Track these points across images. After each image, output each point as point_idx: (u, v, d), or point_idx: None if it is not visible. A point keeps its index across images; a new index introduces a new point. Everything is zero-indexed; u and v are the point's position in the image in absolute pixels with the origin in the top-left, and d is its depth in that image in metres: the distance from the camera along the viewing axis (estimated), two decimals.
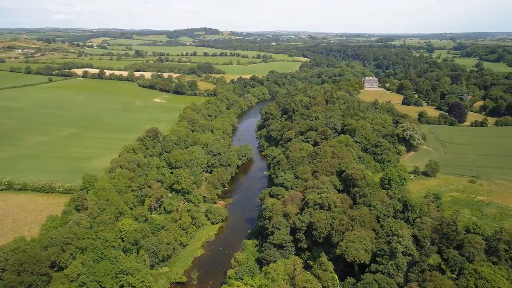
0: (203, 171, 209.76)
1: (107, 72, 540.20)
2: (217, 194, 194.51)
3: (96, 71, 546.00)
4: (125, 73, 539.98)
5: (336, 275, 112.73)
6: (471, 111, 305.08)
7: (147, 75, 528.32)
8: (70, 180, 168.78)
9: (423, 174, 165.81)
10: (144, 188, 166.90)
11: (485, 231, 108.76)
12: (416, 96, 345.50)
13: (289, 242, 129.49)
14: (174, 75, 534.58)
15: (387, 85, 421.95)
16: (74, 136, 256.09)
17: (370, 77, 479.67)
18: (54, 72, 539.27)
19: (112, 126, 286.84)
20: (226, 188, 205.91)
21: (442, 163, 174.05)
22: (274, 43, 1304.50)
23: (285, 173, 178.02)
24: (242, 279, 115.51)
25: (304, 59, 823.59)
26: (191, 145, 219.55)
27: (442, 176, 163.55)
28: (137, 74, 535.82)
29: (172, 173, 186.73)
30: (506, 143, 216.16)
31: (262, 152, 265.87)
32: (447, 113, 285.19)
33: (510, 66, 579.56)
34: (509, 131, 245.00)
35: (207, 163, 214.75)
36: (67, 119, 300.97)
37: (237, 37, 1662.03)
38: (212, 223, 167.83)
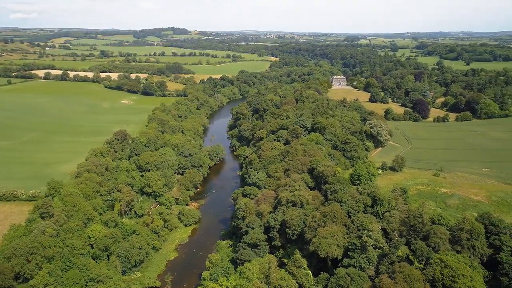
0: (175, 173, 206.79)
1: (71, 73, 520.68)
2: (189, 196, 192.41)
3: (59, 72, 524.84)
4: (90, 74, 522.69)
5: (310, 271, 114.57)
6: (434, 107, 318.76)
7: (114, 76, 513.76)
8: (34, 186, 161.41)
9: (390, 169, 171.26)
10: (113, 192, 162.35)
11: (449, 221, 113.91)
12: (382, 93, 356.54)
13: (263, 241, 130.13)
14: (142, 75, 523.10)
15: (355, 83, 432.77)
16: (37, 140, 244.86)
17: (338, 76, 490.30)
18: (13, 74, 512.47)
19: (78, 129, 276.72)
20: (198, 190, 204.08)
21: (408, 158, 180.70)
22: (243, 43, 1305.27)
23: (257, 172, 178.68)
24: (217, 280, 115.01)
25: (274, 59, 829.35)
26: (162, 147, 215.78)
27: (408, 171, 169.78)
28: (103, 75, 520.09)
29: (142, 176, 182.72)
30: (466, 137, 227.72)
31: (234, 152, 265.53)
32: (412, 110, 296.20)
33: (467, 64, 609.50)
34: (468, 126, 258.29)
35: (179, 164, 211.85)
36: (29, 123, 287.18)
37: (206, 37, 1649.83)
38: (185, 225, 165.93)
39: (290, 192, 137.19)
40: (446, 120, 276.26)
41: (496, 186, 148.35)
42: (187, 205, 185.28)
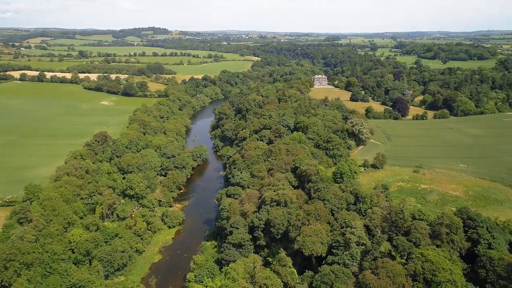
0: (157, 174, 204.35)
1: (48, 74, 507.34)
2: (172, 197, 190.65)
3: (36, 73, 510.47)
4: (68, 75, 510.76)
5: (295, 270, 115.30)
6: (413, 105, 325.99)
7: (93, 76, 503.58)
8: (11, 191, 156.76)
9: (372, 166, 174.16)
10: (94, 195, 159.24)
11: (428, 217, 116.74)
12: (363, 92, 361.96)
13: (247, 241, 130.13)
14: (122, 76, 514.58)
15: (336, 82, 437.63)
16: (13, 143, 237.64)
17: (320, 75, 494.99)
18: None
19: (57, 132, 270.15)
20: (182, 191, 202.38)
21: (389, 155, 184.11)
22: (225, 43, 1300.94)
23: (241, 172, 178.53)
24: (202, 282, 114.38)
25: (256, 58, 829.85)
26: (143, 148, 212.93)
27: (389, 168, 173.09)
28: (81, 76, 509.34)
29: (124, 178, 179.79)
30: (443, 134, 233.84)
31: (217, 153, 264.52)
32: (391, 108, 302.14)
33: (444, 63, 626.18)
34: (446, 123, 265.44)
35: (161, 166, 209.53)
36: (4, 126, 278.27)
37: (187, 37, 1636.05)
38: (169, 227, 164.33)
39: (274, 191, 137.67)
40: (424, 118, 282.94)
41: (473, 181, 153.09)
42: (170, 206, 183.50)
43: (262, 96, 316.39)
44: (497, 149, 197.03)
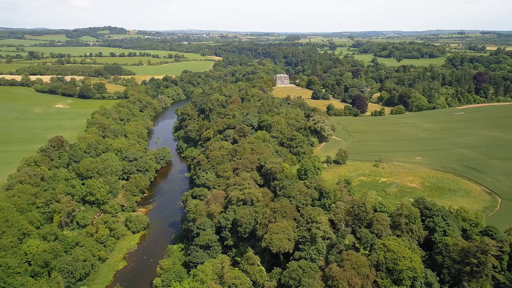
0: (119, 178, 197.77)
1: None
2: (136, 202, 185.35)
3: None
4: (18, 77, 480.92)
5: (263, 268, 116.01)
6: (371, 102, 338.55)
7: (46, 78, 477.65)
8: None
9: (334, 162, 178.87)
10: (51, 203, 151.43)
11: (389, 208, 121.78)
12: (323, 90, 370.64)
13: (215, 242, 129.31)
14: (78, 77, 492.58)
15: (297, 81, 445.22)
16: None
17: (282, 74, 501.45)
18: None
19: (7, 138, 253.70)
20: (145, 194, 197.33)
21: (350, 151, 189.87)
22: (185, 42, 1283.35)
23: (206, 173, 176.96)
24: (170, 286, 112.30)
25: (217, 58, 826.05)
26: (103, 152, 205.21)
27: (351, 163, 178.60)
28: (33, 78, 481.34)
29: (83, 184, 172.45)
30: (400, 129, 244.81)
31: (181, 154, 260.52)
32: (351, 105, 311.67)
33: (398, 61, 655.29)
34: (402, 118, 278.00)
35: (123, 169, 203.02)
36: None
37: (146, 36, 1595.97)
38: (133, 232, 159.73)
39: (240, 190, 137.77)
40: (382, 114, 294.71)
41: (428, 173, 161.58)
42: (134, 211, 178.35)
43: (225, 96, 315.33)
44: (449, 142, 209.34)
